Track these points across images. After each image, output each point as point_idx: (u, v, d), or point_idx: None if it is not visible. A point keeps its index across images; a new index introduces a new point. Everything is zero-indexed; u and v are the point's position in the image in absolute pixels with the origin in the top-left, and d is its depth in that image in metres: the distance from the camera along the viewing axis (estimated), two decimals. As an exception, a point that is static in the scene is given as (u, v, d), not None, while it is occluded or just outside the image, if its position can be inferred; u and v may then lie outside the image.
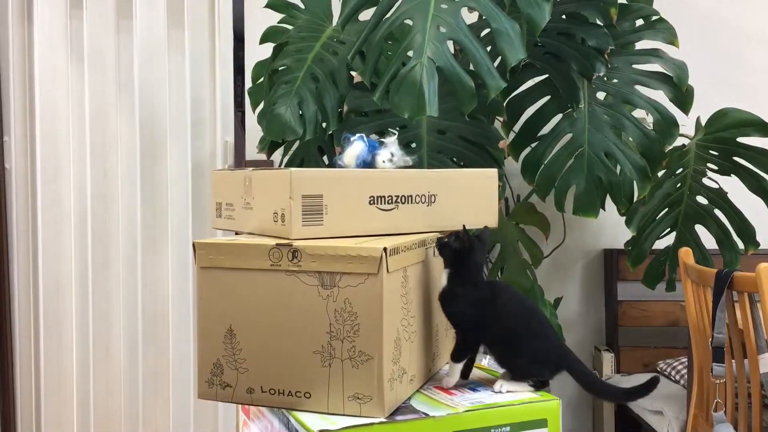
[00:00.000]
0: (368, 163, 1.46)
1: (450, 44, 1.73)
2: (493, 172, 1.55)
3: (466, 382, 1.35)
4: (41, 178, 2.71)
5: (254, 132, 2.60)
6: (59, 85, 2.74)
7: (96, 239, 2.74)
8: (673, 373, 2.57)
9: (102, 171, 2.74)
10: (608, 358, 2.73)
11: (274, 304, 1.23)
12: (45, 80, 2.72)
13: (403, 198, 1.39)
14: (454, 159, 2.08)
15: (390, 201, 1.37)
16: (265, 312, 1.24)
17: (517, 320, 1.31)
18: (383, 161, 1.47)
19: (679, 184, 2.31)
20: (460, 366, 1.32)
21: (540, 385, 1.31)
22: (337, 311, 1.19)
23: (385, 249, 1.17)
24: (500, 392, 1.28)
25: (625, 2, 2.15)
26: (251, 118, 2.56)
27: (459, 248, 1.31)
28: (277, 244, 1.23)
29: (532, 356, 1.30)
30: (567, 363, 1.33)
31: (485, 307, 1.30)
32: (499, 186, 1.71)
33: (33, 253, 2.74)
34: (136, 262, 2.74)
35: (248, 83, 2.58)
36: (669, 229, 2.35)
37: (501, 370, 1.47)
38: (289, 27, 2.31)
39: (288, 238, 1.26)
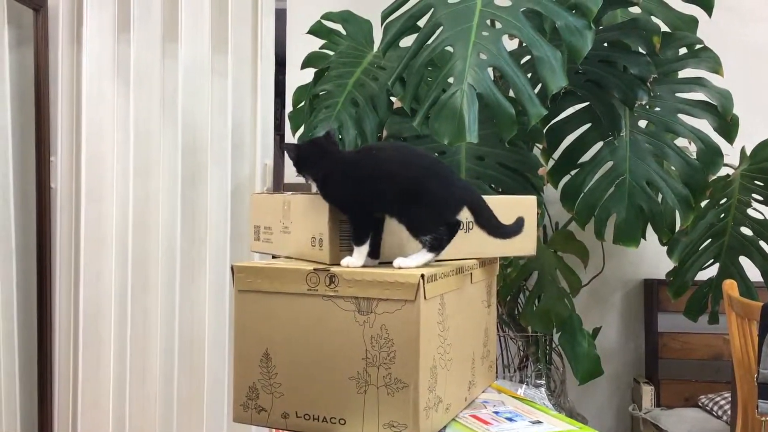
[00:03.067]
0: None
1: (490, 71, 1.73)
2: (532, 199, 1.54)
3: (501, 410, 1.33)
4: (85, 198, 2.77)
5: (293, 155, 2.62)
6: (105, 107, 2.81)
7: (136, 260, 2.78)
8: (715, 408, 2.50)
9: (144, 192, 2.79)
10: (648, 391, 2.67)
11: (310, 328, 1.23)
12: (92, 102, 2.79)
13: (441, 224, 1.38)
14: (493, 185, 2.07)
15: (428, 227, 1.36)
16: (301, 336, 1.24)
17: (399, 172, 1.24)
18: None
19: (723, 215, 2.26)
20: (364, 248, 1.25)
21: (438, 244, 1.24)
22: (374, 337, 1.19)
23: (422, 276, 1.17)
24: (399, 268, 1.22)
25: (668, 31, 2.13)
26: (290, 141, 2.59)
27: (295, 158, 1.34)
28: (314, 269, 1.23)
29: (430, 200, 1.24)
30: (468, 196, 1.28)
31: (358, 177, 1.26)
32: (537, 213, 1.69)
33: (75, 271, 2.79)
34: (174, 284, 2.77)
35: (288, 107, 2.61)
36: (712, 260, 2.29)
37: (539, 401, 1.44)
38: (331, 53, 2.34)
39: (325, 263, 1.27)
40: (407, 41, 1.90)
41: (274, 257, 1.48)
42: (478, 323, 1.49)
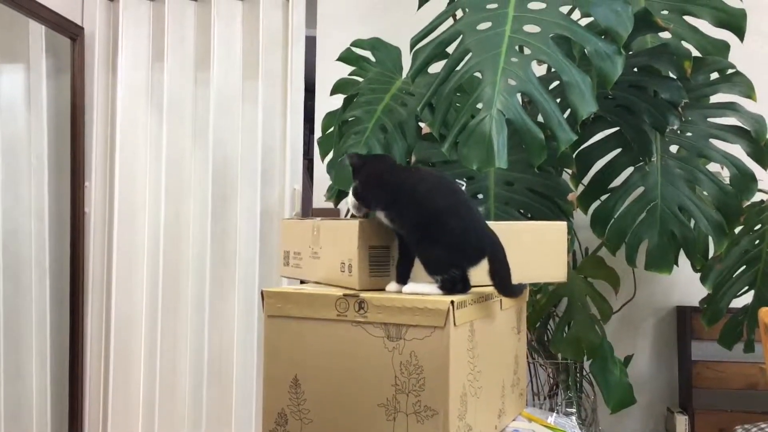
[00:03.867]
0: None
1: (519, 96, 1.73)
2: (562, 225, 1.53)
3: None
4: (118, 221, 2.82)
5: (322, 180, 2.64)
6: (139, 133, 2.87)
7: (166, 281, 2.81)
8: (752, 439, 2.44)
9: (175, 216, 2.83)
10: (682, 421, 2.61)
11: (339, 354, 1.23)
12: (126, 129, 2.85)
13: (470, 250, 1.37)
14: (522, 211, 2.06)
15: (457, 253, 1.36)
16: (330, 362, 1.24)
17: (426, 202, 1.23)
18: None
19: (757, 241, 2.22)
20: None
21: (450, 285, 1.21)
22: (403, 364, 1.18)
23: (452, 302, 1.17)
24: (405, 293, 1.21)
25: (700, 55, 2.11)
26: (319, 166, 2.60)
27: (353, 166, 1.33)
28: (344, 295, 1.23)
29: (448, 240, 1.21)
30: (491, 248, 1.23)
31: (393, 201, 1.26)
32: (567, 239, 1.68)
33: (107, 292, 2.84)
34: (204, 305, 2.79)
35: (317, 133, 2.63)
36: (747, 287, 2.25)
37: (570, 430, 1.42)
38: (360, 79, 2.36)
39: (355, 289, 1.27)
40: (436, 67, 1.91)
41: (303, 282, 1.48)
42: (508, 350, 1.47)
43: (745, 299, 2.25)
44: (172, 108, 2.85)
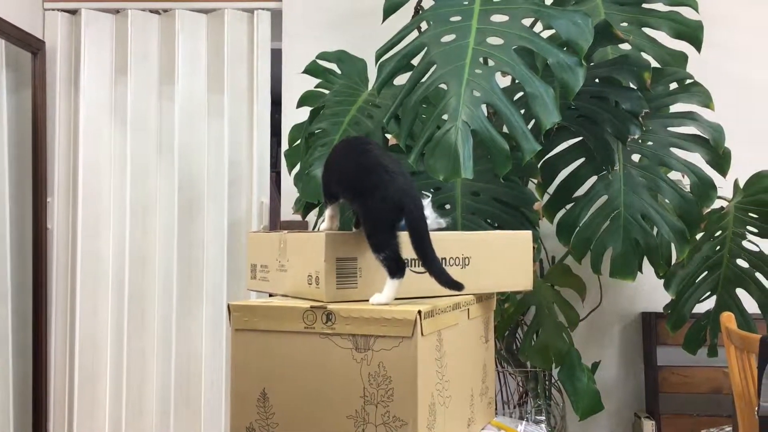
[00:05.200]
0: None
1: (484, 107, 1.75)
2: (528, 234, 1.55)
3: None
4: (81, 237, 2.78)
5: (290, 193, 2.64)
6: (102, 147, 2.83)
7: (132, 297, 2.78)
8: (717, 442, 2.48)
9: (141, 231, 2.80)
10: (649, 426, 2.64)
11: (307, 367, 1.22)
12: (89, 143, 2.82)
13: (437, 261, 1.38)
14: (489, 220, 2.07)
15: (424, 263, 1.37)
16: (298, 375, 1.23)
17: (348, 174, 1.29)
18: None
19: (718, 247, 2.26)
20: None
21: (393, 264, 1.21)
22: (371, 375, 1.18)
23: (419, 312, 1.17)
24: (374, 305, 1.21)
25: (659, 66, 2.16)
26: (287, 179, 2.60)
27: None
28: (311, 307, 1.23)
29: (372, 202, 1.22)
30: (406, 209, 1.21)
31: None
32: (534, 248, 1.70)
33: (71, 309, 2.79)
34: (171, 321, 2.76)
35: (284, 145, 2.63)
36: (709, 292, 2.29)
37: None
38: (326, 91, 2.37)
39: (322, 301, 1.27)
40: (401, 79, 1.93)
41: (271, 295, 1.47)
42: (476, 359, 1.48)
43: (707, 304, 2.30)
44: (137, 122, 2.83)
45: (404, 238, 1.25)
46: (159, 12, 2.88)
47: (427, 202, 1.49)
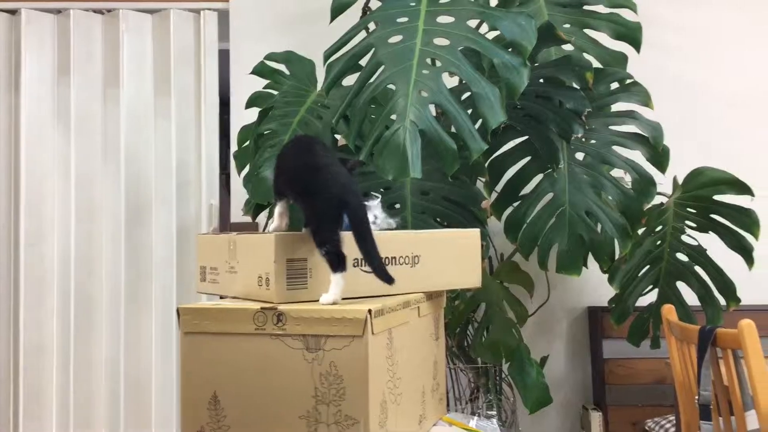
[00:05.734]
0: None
1: (432, 107, 1.78)
2: (476, 232, 1.57)
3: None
4: (24, 243, 2.71)
5: (239, 194, 2.62)
6: (45, 150, 2.77)
7: (79, 303, 2.72)
8: None
9: (86, 235, 2.74)
10: (596, 417, 2.71)
11: (258, 368, 1.22)
12: (31, 147, 2.75)
13: (387, 260, 1.40)
14: (438, 219, 2.10)
15: (374, 263, 1.38)
16: (249, 377, 1.23)
17: (292, 172, 1.33)
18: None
19: (659, 242, 2.34)
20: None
21: (335, 258, 1.25)
22: (323, 375, 1.19)
23: (369, 311, 1.18)
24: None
25: (600, 67, 2.22)
26: (236, 180, 2.58)
27: None
28: (261, 308, 1.23)
29: (314, 200, 1.27)
30: (348, 205, 1.25)
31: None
32: (482, 245, 1.73)
33: (14, 317, 2.71)
34: (119, 327, 2.71)
35: (234, 147, 2.61)
36: (651, 286, 2.36)
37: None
38: (274, 92, 2.36)
39: (273, 302, 1.27)
40: (350, 80, 1.93)
41: (221, 298, 1.47)
42: (426, 356, 1.50)
43: (650, 297, 2.37)
44: (81, 125, 2.77)
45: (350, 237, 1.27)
46: (102, 12, 2.83)
47: (376, 203, 1.51)
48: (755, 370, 1.64)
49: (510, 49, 1.81)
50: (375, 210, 1.51)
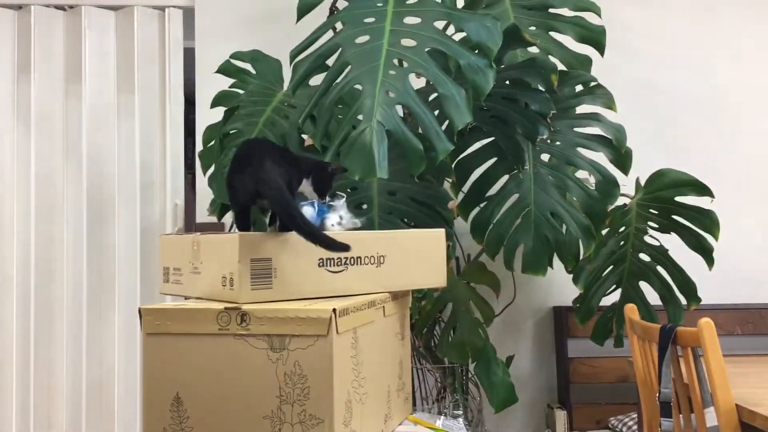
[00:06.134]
0: (318, 227, 1.47)
1: (398, 108, 1.78)
2: (441, 232, 1.58)
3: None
4: (-17, 244, 2.65)
5: (205, 194, 2.59)
6: (5, 149, 2.71)
7: (39, 305, 2.66)
8: (624, 429, 2.59)
9: (48, 236, 2.69)
10: (561, 416, 2.73)
11: (222, 369, 1.21)
12: (-10, 144, 2.69)
13: (352, 260, 1.40)
14: (405, 219, 2.10)
15: (339, 263, 1.38)
16: (213, 378, 1.22)
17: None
18: (332, 225, 1.48)
19: (622, 242, 2.37)
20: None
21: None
22: (287, 374, 1.18)
23: (334, 310, 1.18)
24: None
25: (565, 69, 2.25)
26: (202, 180, 2.56)
27: None
28: (225, 308, 1.22)
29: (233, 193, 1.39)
30: (264, 189, 1.32)
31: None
32: (449, 246, 1.74)
33: (-28, 321, 2.65)
34: (81, 329, 2.66)
35: (199, 146, 2.58)
36: (615, 286, 2.40)
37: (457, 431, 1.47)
38: (240, 91, 2.34)
39: (237, 303, 1.26)
40: (316, 80, 1.93)
41: (186, 299, 1.45)
42: (392, 356, 1.50)
43: (613, 297, 2.40)
44: (41, 123, 2.71)
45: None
46: (64, 8, 2.78)
47: (341, 203, 1.50)
48: (714, 368, 1.68)
49: (476, 51, 1.82)
50: (340, 210, 1.51)
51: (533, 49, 2.22)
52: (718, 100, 2.99)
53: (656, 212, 2.35)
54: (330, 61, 1.90)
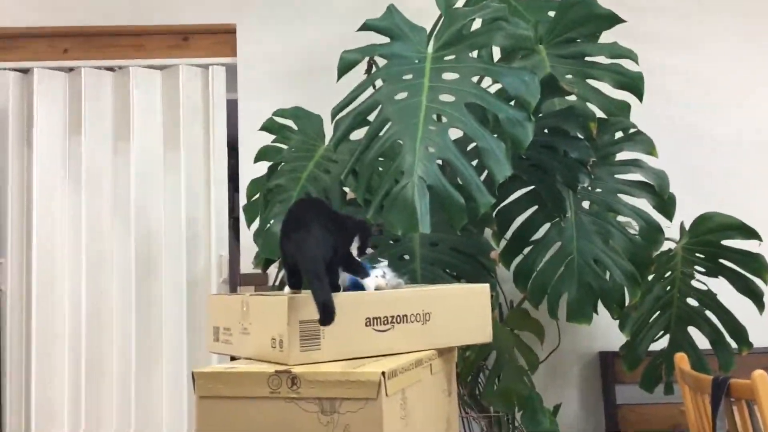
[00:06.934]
0: (359, 285, 1.48)
1: (438, 162, 1.80)
2: (485, 287, 1.58)
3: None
4: (36, 299, 2.72)
5: (249, 245, 2.64)
6: (56, 206, 2.80)
7: (89, 360, 2.72)
8: (678, 478, 2.52)
9: (97, 290, 2.76)
10: (612, 465, 2.67)
11: (274, 432, 1.23)
12: (42, 202, 2.78)
13: (398, 318, 1.41)
14: (447, 270, 2.11)
15: (386, 322, 1.40)
16: (265, 441, 1.23)
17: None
18: (377, 276, 1.50)
19: (668, 287, 2.34)
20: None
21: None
22: (338, 438, 1.19)
23: (383, 373, 1.19)
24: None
25: (604, 116, 2.25)
26: (245, 231, 2.60)
27: None
28: (276, 371, 1.24)
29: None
30: (299, 257, 1.36)
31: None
32: (492, 296, 1.73)
33: (26, 377, 2.71)
34: (129, 382, 2.70)
35: (242, 191, 2.63)
36: (662, 331, 2.35)
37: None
38: (283, 146, 2.39)
39: (286, 364, 1.28)
40: (356, 134, 1.97)
41: (232, 359, 1.47)
42: (440, 414, 1.50)
43: (662, 343, 2.36)
44: (91, 180, 2.81)
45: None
46: (113, 69, 2.89)
47: (383, 266, 1.52)
48: (770, 421, 1.63)
49: (513, 103, 1.84)
50: (379, 270, 1.53)
51: (571, 98, 2.23)
52: (761, 142, 2.95)
53: (702, 256, 2.31)
54: (370, 118, 1.93)
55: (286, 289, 1.43)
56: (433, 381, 1.45)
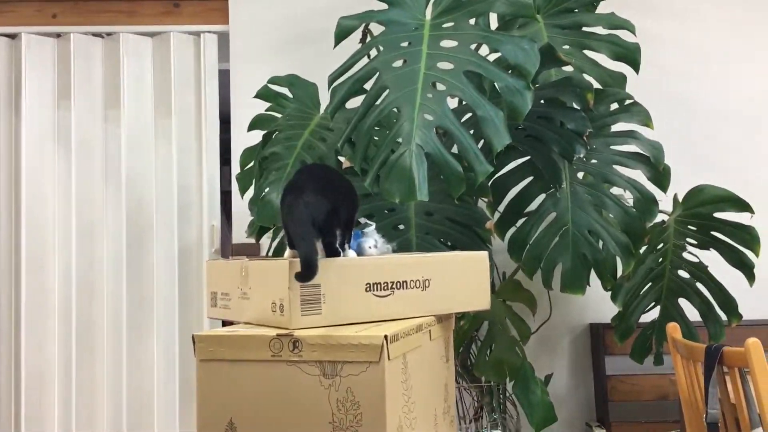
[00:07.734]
0: (356, 251, 1.49)
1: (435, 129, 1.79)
2: (484, 255, 1.59)
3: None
4: (26, 267, 2.70)
5: (241, 215, 2.63)
6: (46, 174, 2.77)
7: (80, 328, 2.71)
8: (666, 448, 2.56)
9: (88, 259, 2.74)
10: (600, 434, 2.71)
11: (275, 395, 1.23)
12: (32, 171, 2.75)
13: (398, 284, 1.41)
14: (442, 240, 2.11)
15: (386, 287, 1.40)
16: (266, 404, 1.23)
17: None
18: (369, 247, 1.50)
19: (660, 259, 2.36)
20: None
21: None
22: (340, 401, 1.19)
23: (386, 336, 1.19)
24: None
25: (600, 87, 2.24)
26: (237, 201, 2.59)
27: None
28: (277, 335, 1.24)
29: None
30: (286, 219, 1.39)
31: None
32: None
33: (15, 345, 2.70)
34: (121, 349, 2.70)
35: (233, 164, 2.61)
36: (653, 303, 2.38)
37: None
38: (277, 115, 2.37)
39: (288, 328, 1.27)
40: (353, 102, 1.95)
41: (231, 324, 1.47)
42: (438, 379, 1.51)
43: (652, 314, 2.38)
44: (81, 147, 2.77)
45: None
46: (102, 35, 2.84)
47: (371, 230, 1.52)
48: (762, 388, 1.65)
49: (511, 72, 1.83)
50: (372, 236, 1.53)
51: (568, 68, 2.22)
52: (755, 113, 2.96)
53: (695, 228, 2.33)
54: (367, 85, 1.92)
55: (287, 253, 1.42)
56: (432, 347, 1.46)
